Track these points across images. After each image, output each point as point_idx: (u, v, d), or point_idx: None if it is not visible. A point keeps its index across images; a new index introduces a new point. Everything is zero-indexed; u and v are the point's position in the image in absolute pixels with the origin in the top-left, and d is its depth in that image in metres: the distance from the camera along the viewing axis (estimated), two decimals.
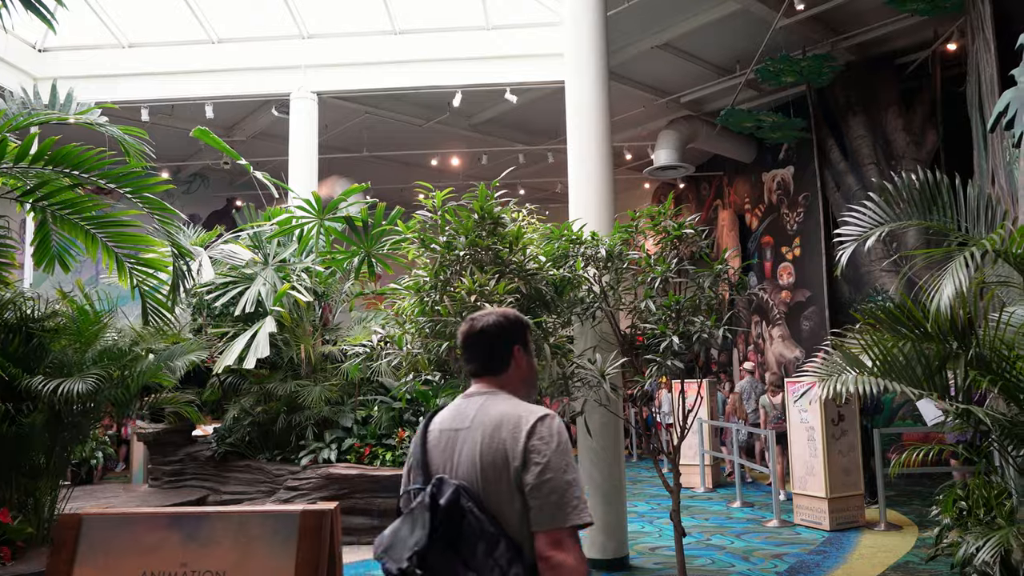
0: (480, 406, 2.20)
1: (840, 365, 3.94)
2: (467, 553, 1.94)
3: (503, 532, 1.97)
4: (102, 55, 13.80)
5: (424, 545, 1.94)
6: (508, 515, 2.01)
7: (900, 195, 4.20)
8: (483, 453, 2.06)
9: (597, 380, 5.95)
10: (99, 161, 5.92)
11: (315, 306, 10.71)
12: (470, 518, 1.97)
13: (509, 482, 2.01)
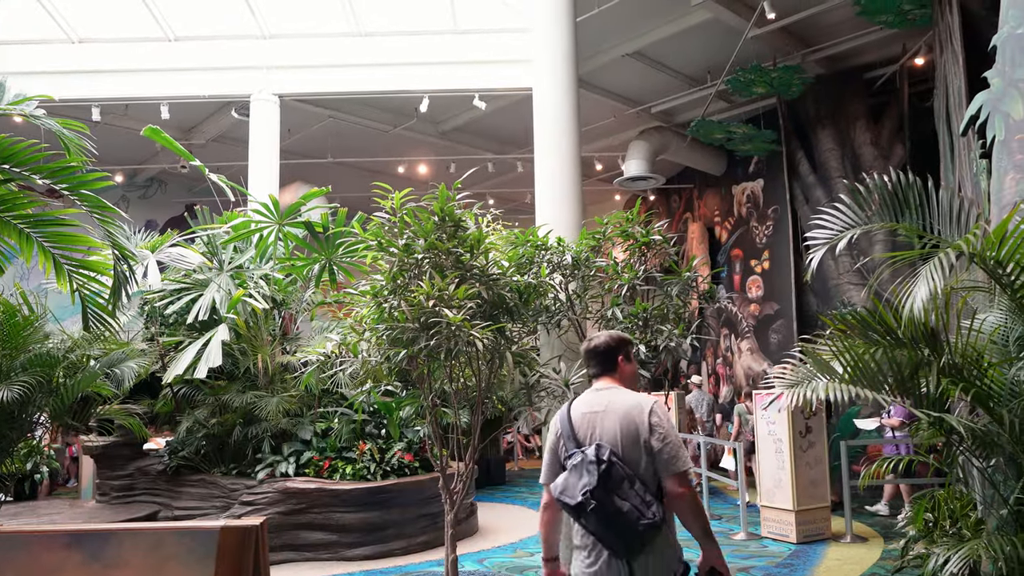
0: (609, 397, 3.30)
1: (810, 372, 3.78)
2: (616, 489, 3.06)
3: (637, 475, 3.12)
4: (50, 50, 13.06)
5: (594, 485, 3.05)
6: (639, 465, 3.14)
7: (872, 197, 4.07)
8: (622, 427, 3.18)
9: (561, 390, 5.74)
10: (32, 155, 5.58)
11: (274, 315, 10.41)
12: (617, 467, 3.09)
13: (639, 445, 3.14)
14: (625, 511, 3.01)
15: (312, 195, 10.18)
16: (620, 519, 3.02)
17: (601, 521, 3.05)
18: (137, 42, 13.25)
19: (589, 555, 3.16)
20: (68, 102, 12.56)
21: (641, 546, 3.05)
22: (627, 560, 3.07)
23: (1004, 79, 4.37)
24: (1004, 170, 4.36)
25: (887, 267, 3.95)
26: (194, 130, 16.30)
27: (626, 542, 3.05)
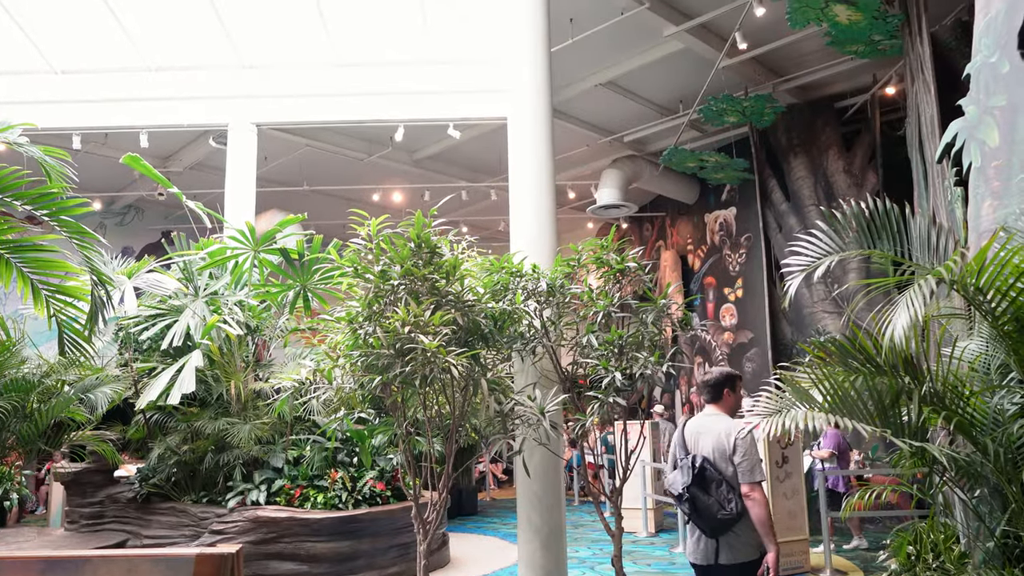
0: (712, 421, 4.37)
1: (788, 401, 3.74)
2: (708, 488, 4.18)
3: (724, 479, 4.17)
4: (33, 80, 13.23)
5: (689, 483, 4.20)
6: (725, 473, 4.18)
7: (849, 224, 4.07)
8: (715, 444, 4.26)
9: (536, 418, 5.67)
10: (14, 181, 5.55)
11: (248, 341, 10.28)
12: (709, 471, 4.20)
13: (727, 459, 4.19)
14: (709, 503, 4.13)
15: (288, 222, 10.12)
16: (706, 509, 4.15)
17: (693, 509, 4.22)
18: (118, 72, 13.36)
19: (692, 534, 4.41)
20: (50, 131, 12.61)
21: (723, 530, 4.14)
22: (715, 539, 4.21)
23: (979, 107, 4.41)
24: (981, 197, 4.39)
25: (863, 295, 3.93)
26: (172, 158, 16.31)
27: (711, 526, 4.18)
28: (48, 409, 6.63)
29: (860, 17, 9.01)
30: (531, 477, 6.87)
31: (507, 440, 5.90)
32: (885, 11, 9.00)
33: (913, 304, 3.25)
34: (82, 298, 6.23)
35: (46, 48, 12.95)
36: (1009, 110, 4.17)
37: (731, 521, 4.07)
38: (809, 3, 8.82)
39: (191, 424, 9.55)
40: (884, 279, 3.81)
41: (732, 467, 4.14)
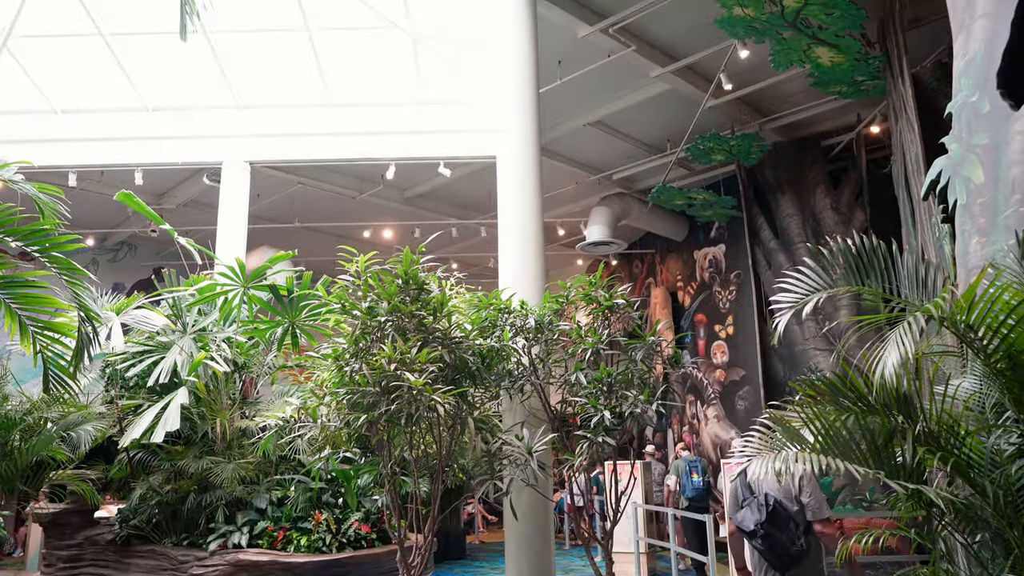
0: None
1: (779, 441, 3.68)
2: (780, 525, 4.57)
3: (791, 516, 4.63)
4: (32, 119, 13.54)
5: (762, 520, 4.60)
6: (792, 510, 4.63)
7: (836, 261, 4.05)
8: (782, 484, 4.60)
9: (524, 458, 5.59)
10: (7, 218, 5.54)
11: (235, 378, 10.18)
12: (779, 508, 4.63)
13: (792, 497, 4.67)
14: (782, 539, 4.53)
15: (278, 259, 10.08)
16: (780, 545, 4.56)
17: (765, 544, 4.60)
18: (115, 112, 13.65)
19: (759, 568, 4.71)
20: (47, 168, 13.01)
21: (793, 564, 4.55)
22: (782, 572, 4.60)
23: (962, 145, 4.43)
24: (969, 234, 4.38)
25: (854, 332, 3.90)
26: (166, 195, 16.41)
27: (782, 561, 4.58)
28: (29, 447, 6.51)
29: (842, 59, 9.11)
30: (519, 520, 6.76)
31: (494, 481, 5.80)
32: (867, 53, 9.11)
33: (903, 342, 3.21)
34: (69, 334, 6.17)
35: (48, 88, 13.29)
36: (992, 148, 4.18)
37: (801, 555, 4.60)
38: (792, 45, 8.91)
39: (174, 463, 9.39)
40: (874, 316, 3.78)
41: (798, 505, 4.67)
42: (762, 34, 8.83)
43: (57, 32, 12.49)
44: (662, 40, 10.73)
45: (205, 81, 13.34)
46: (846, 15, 8.27)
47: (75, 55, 13.08)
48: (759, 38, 8.99)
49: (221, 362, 9.12)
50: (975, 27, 4.36)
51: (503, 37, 9.03)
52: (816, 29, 8.59)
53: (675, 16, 9.90)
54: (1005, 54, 4.13)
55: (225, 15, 12.29)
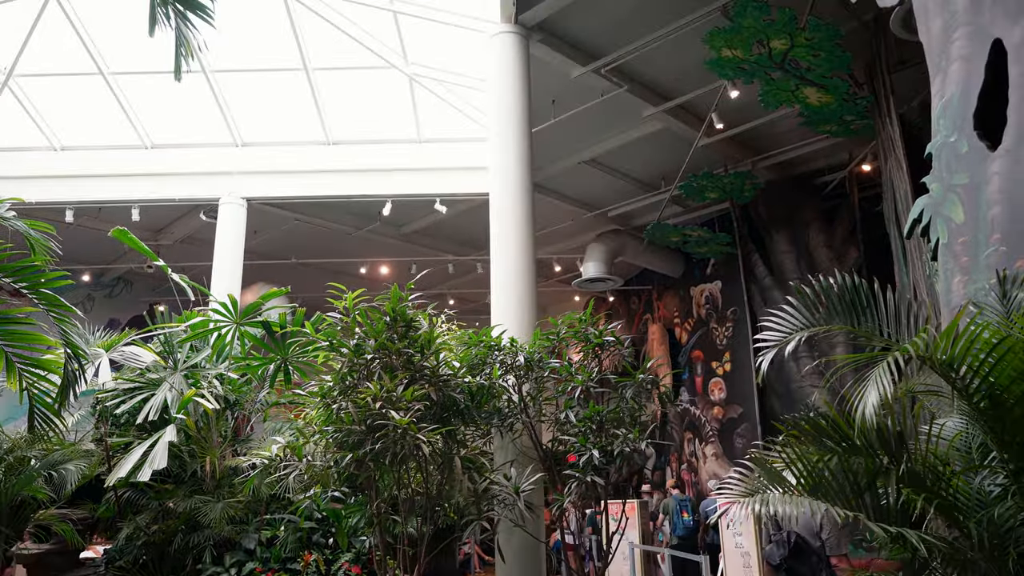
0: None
1: (761, 482, 3.64)
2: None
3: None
4: (32, 156, 13.84)
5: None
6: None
7: (819, 299, 4.05)
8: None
9: (512, 498, 5.54)
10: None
11: (228, 415, 10.11)
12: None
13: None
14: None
15: (271, 295, 10.07)
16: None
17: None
18: (114, 149, 13.97)
19: None
20: (45, 204, 13.20)
21: None
22: None
23: (943, 185, 4.45)
24: (951, 272, 4.39)
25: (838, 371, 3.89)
26: (164, 231, 16.49)
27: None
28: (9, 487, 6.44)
29: (830, 99, 9.21)
30: (507, 562, 6.67)
31: (481, 521, 5.74)
32: (855, 93, 9.21)
33: (883, 381, 3.20)
34: (55, 371, 6.14)
35: (48, 125, 13.58)
36: (972, 188, 4.21)
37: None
38: (780, 86, 9.01)
39: (163, 502, 9.29)
40: (855, 355, 3.77)
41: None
42: (751, 75, 8.93)
43: (58, 71, 12.70)
44: (654, 80, 10.83)
45: (204, 119, 13.58)
46: (832, 57, 8.38)
47: (76, 93, 13.32)
48: (748, 79, 9.09)
49: (211, 399, 9.06)
50: (951, 70, 4.42)
51: (494, 77, 9.14)
52: (804, 71, 8.68)
53: (666, 57, 10.01)
54: (980, 96, 4.17)
55: (225, 55, 12.48)
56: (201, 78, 12.55)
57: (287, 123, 13.89)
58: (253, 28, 12.50)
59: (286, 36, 11.94)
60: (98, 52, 12.18)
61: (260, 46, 12.64)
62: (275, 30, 11.97)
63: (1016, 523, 3.46)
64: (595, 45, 10.02)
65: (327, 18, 11.57)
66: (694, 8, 8.89)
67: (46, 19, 11.52)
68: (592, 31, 9.76)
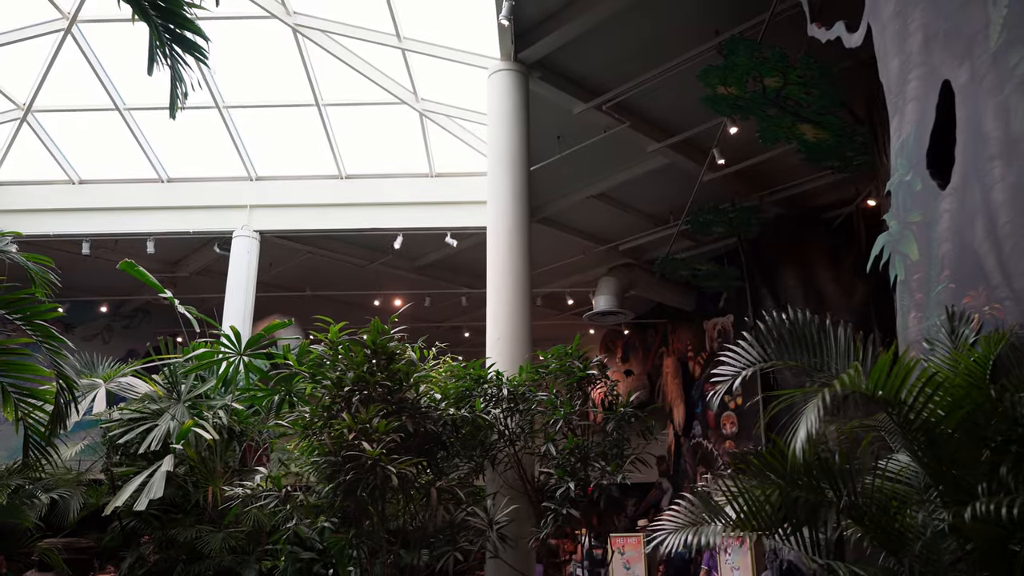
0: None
1: (702, 516, 3.67)
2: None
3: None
4: (54, 190, 14.21)
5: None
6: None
7: (771, 335, 4.10)
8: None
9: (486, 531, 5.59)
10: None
11: (234, 446, 10.25)
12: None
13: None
14: None
15: (275, 327, 10.26)
16: None
17: None
18: (132, 183, 14.34)
19: None
20: (63, 236, 13.67)
21: None
22: None
23: (900, 222, 4.51)
24: (907, 309, 4.43)
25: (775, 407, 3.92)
26: (180, 264, 16.77)
27: None
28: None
29: (827, 135, 9.25)
30: None
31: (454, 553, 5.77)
32: (853, 129, 9.23)
33: (810, 417, 3.24)
34: (50, 401, 6.32)
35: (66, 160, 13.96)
36: (925, 225, 4.26)
37: None
38: (777, 123, 9.08)
39: (166, 532, 9.40)
40: (790, 391, 3.82)
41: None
42: (747, 111, 9.02)
43: (75, 106, 13.11)
44: (656, 116, 10.95)
45: (219, 153, 13.87)
46: (826, 94, 8.44)
47: (93, 128, 13.69)
48: (744, 115, 9.17)
49: (210, 429, 9.20)
50: (907, 109, 4.49)
51: (492, 114, 9.32)
52: (798, 108, 8.74)
53: (667, 93, 10.12)
54: (932, 136, 4.24)
55: (239, 91, 12.83)
56: (215, 113, 12.88)
57: (301, 158, 14.18)
58: (266, 64, 12.85)
59: (299, 72, 12.25)
60: (114, 87, 12.54)
61: (273, 82, 12.97)
62: (288, 67, 12.28)
63: (955, 558, 3.46)
64: (596, 82, 10.17)
65: (338, 56, 11.86)
66: (690, 46, 9.01)
67: (63, 56, 11.91)
68: (592, 68, 9.91)
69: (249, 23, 11.88)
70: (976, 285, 4.02)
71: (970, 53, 3.97)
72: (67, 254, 14.39)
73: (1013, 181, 3.71)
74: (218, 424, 9.55)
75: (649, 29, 9.08)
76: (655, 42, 9.27)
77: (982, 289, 4.02)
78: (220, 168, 14.22)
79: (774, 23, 7.85)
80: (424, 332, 7.36)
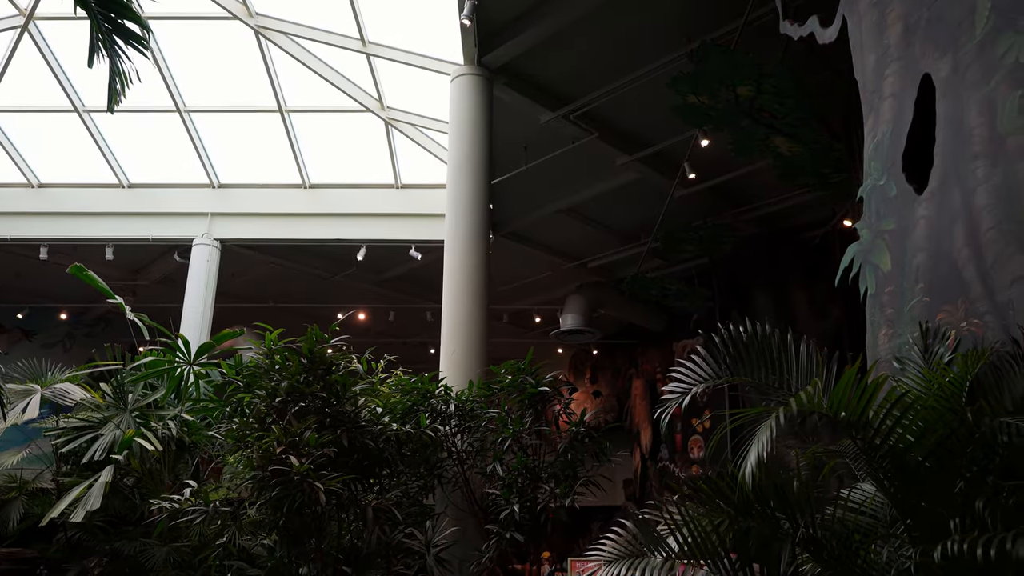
0: None
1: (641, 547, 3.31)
2: None
3: None
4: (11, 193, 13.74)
5: None
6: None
7: (727, 349, 3.76)
8: None
9: (422, 552, 5.20)
10: None
11: (186, 457, 9.82)
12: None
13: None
14: None
15: (225, 336, 9.86)
16: None
17: None
18: (92, 188, 13.93)
19: None
20: (20, 240, 13.33)
21: None
22: None
23: (871, 230, 4.20)
24: (877, 325, 4.11)
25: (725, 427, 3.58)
26: (141, 272, 16.33)
27: None
28: None
29: (802, 149, 8.96)
30: None
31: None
32: (829, 144, 8.96)
33: (761, 439, 2.89)
34: None
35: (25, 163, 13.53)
36: (899, 234, 3.94)
37: None
38: (750, 134, 8.79)
39: (112, 544, 8.99)
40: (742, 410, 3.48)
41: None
42: (718, 122, 8.73)
43: (35, 107, 12.67)
44: (625, 127, 10.66)
45: (181, 159, 13.49)
46: (801, 105, 8.17)
47: (53, 130, 13.27)
48: (716, 126, 8.89)
49: (154, 440, 8.78)
50: (883, 108, 4.17)
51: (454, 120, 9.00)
52: (772, 119, 8.48)
53: (637, 104, 9.84)
54: (909, 136, 3.92)
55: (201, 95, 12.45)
56: (177, 118, 12.47)
57: (264, 165, 13.81)
58: (229, 68, 12.48)
59: (262, 77, 11.87)
60: (73, 88, 12.12)
61: (237, 87, 12.59)
62: (251, 71, 11.92)
63: None
64: (563, 90, 9.86)
65: (302, 60, 11.49)
66: (661, 53, 8.75)
67: (21, 55, 11.48)
68: (559, 75, 9.61)
69: (210, 24, 11.51)
70: (953, 298, 3.70)
71: (953, 43, 3.65)
72: (26, 259, 13.94)
73: (998, 183, 3.36)
74: (166, 435, 9.14)
75: (618, 35, 8.80)
76: (625, 49, 8.99)
77: (960, 303, 3.69)
78: (182, 174, 13.86)
79: (748, 30, 7.60)
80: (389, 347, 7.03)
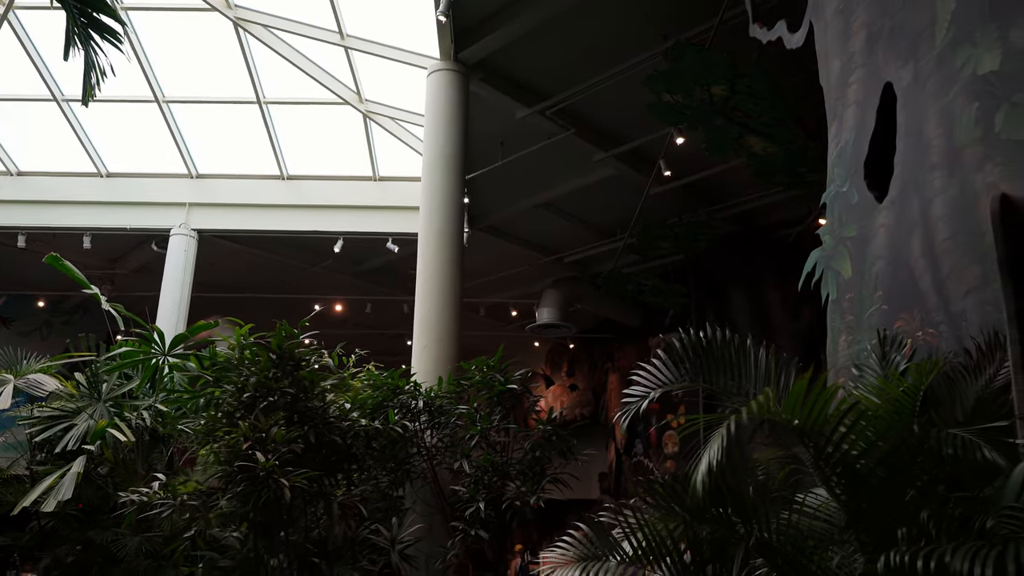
0: None
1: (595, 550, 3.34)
2: None
3: None
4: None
5: None
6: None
7: (686, 354, 3.80)
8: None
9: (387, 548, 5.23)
10: None
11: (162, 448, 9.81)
12: None
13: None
14: None
15: (199, 327, 9.82)
16: None
17: None
18: (71, 176, 13.88)
19: None
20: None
21: None
22: None
23: (834, 236, 4.24)
24: (837, 331, 4.16)
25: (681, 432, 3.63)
26: (119, 261, 16.24)
27: None
28: None
29: (776, 149, 9.02)
30: None
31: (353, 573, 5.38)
32: (804, 144, 9.01)
33: (713, 446, 2.92)
34: None
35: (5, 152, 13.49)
36: (860, 241, 3.98)
37: None
38: (725, 134, 8.83)
39: (85, 533, 8.97)
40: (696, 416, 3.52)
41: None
42: (693, 121, 8.77)
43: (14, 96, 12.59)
44: (601, 124, 10.69)
45: (160, 149, 13.44)
46: (775, 106, 8.22)
47: (33, 119, 13.20)
48: (691, 125, 8.93)
49: (126, 430, 8.76)
50: (846, 115, 4.21)
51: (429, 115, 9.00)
52: (746, 119, 8.52)
53: (613, 101, 9.86)
54: (871, 143, 3.96)
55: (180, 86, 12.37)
56: (156, 108, 12.39)
57: (242, 156, 13.77)
58: (208, 59, 12.41)
59: (241, 69, 11.81)
60: (52, 77, 12.02)
61: (215, 78, 12.52)
62: (229, 62, 11.85)
63: None
64: (540, 86, 9.88)
65: (280, 52, 11.44)
66: (637, 51, 8.77)
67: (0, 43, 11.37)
68: (535, 71, 9.63)
69: (190, 16, 11.44)
70: (910, 307, 3.74)
71: (914, 53, 3.68)
72: (3, 247, 13.84)
73: (955, 194, 3.40)
74: (140, 425, 9.12)
75: (595, 32, 8.83)
76: (601, 46, 9.01)
77: (916, 312, 3.74)
78: (160, 164, 13.81)
79: (724, 30, 7.62)
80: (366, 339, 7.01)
